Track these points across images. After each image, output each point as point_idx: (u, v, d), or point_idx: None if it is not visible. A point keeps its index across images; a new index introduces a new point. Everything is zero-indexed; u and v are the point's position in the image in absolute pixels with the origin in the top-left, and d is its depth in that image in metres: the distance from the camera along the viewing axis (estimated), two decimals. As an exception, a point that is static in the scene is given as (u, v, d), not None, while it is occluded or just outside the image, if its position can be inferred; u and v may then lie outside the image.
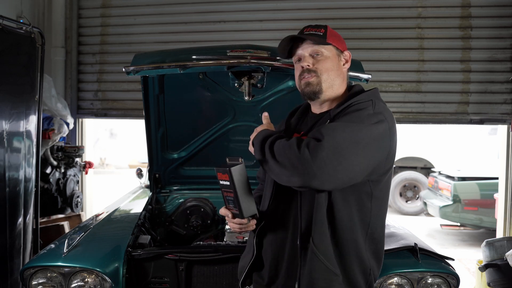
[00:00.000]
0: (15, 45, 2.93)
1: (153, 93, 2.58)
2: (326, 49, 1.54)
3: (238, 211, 1.47)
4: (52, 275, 1.93)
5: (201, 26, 4.85)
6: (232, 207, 1.49)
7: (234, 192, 1.43)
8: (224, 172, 1.44)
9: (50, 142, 4.12)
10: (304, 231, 1.46)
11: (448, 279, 1.90)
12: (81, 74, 5.16)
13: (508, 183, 4.45)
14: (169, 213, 3.08)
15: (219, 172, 1.48)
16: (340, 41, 1.58)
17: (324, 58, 1.53)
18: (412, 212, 8.17)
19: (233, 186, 1.42)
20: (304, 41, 1.54)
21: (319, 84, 1.52)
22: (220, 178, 1.47)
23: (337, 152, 1.30)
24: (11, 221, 2.87)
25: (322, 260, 1.42)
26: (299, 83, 1.58)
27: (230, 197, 1.47)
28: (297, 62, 1.59)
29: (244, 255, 1.69)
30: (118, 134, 16.22)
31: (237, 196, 1.43)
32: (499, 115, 4.52)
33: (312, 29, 1.55)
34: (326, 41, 1.53)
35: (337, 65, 1.56)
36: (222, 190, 1.50)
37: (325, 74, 1.53)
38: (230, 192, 1.46)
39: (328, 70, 1.53)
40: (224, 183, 1.46)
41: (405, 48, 4.63)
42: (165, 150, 2.91)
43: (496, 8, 4.47)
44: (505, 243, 3.24)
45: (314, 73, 1.52)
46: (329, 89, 1.54)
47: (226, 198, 1.50)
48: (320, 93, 1.53)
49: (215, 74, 2.54)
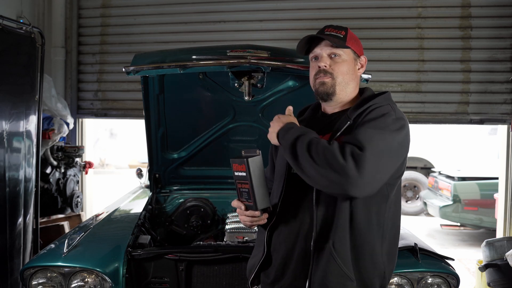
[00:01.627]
0: (15, 45, 2.93)
1: (153, 93, 2.58)
2: (345, 52, 1.54)
3: (252, 203, 1.45)
4: (52, 275, 1.94)
5: (201, 26, 4.85)
6: (245, 199, 1.48)
7: (250, 183, 1.42)
8: (241, 162, 1.43)
9: (50, 142, 4.12)
10: (320, 232, 1.45)
11: (448, 279, 1.90)
12: (81, 74, 5.16)
13: (508, 183, 4.45)
14: (169, 213, 3.08)
15: (235, 163, 1.47)
16: (358, 45, 1.59)
17: (342, 61, 1.53)
18: (412, 212, 8.17)
19: (250, 177, 1.42)
20: (323, 41, 1.54)
21: (333, 86, 1.53)
22: (236, 169, 1.47)
23: (377, 163, 1.34)
24: (11, 221, 2.87)
25: (340, 264, 1.43)
26: (313, 82, 1.58)
27: (245, 188, 1.46)
28: (313, 60, 1.58)
29: (254, 254, 1.68)
30: (118, 134, 16.22)
31: (252, 187, 1.43)
32: (499, 115, 4.52)
33: (334, 30, 1.55)
34: (345, 44, 1.52)
35: (353, 69, 1.56)
36: (236, 181, 1.49)
37: (340, 77, 1.53)
38: (245, 184, 1.45)
39: (343, 73, 1.54)
40: (239, 174, 1.46)
41: (405, 48, 4.63)
42: (165, 150, 2.91)
43: (496, 8, 4.47)
44: (505, 243, 3.24)
45: (330, 74, 1.53)
46: (342, 92, 1.55)
47: (240, 190, 1.49)
48: (333, 95, 1.54)
49: (215, 74, 2.54)
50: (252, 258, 1.68)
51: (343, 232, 1.43)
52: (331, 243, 1.42)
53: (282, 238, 1.55)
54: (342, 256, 1.43)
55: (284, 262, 1.54)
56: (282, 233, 1.55)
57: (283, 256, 1.54)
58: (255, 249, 1.70)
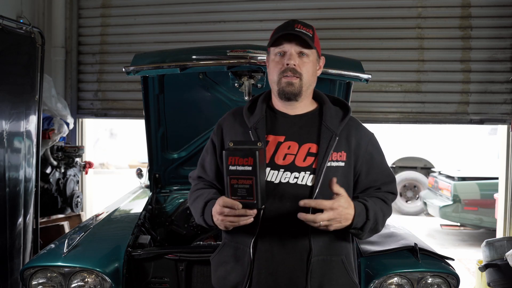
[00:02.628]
0: (15, 45, 2.93)
1: (153, 93, 2.58)
2: (312, 53, 1.51)
3: (253, 200, 1.29)
4: (52, 275, 1.93)
5: (201, 26, 4.85)
6: (241, 197, 1.31)
7: (256, 178, 1.27)
8: (246, 155, 1.27)
9: (50, 142, 4.12)
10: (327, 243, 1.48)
11: (448, 279, 1.90)
12: (81, 74, 5.16)
13: (508, 183, 4.45)
14: (169, 213, 3.07)
15: (234, 157, 1.29)
16: (319, 46, 1.57)
17: (309, 62, 1.51)
18: (412, 212, 8.17)
19: (256, 172, 1.27)
20: (294, 38, 1.47)
21: (301, 87, 1.50)
22: (235, 163, 1.29)
23: None
24: (11, 221, 2.87)
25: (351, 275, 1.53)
26: (278, 79, 1.50)
27: (244, 184, 1.29)
28: (278, 55, 1.51)
29: (228, 272, 1.52)
30: (118, 134, 16.22)
31: (258, 183, 1.28)
32: (499, 115, 4.52)
33: (303, 28, 1.48)
34: (314, 45, 1.50)
35: (315, 69, 1.55)
36: (230, 178, 1.31)
37: (306, 78, 1.51)
38: (246, 179, 1.28)
39: (309, 74, 1.52)
40: (239, 169, 1.28)
41: (405, 48, 4.63)
42: (165, 150, 2.91)
43: (496, 8, 4.47)
44: (505, 243, 3.24)
45: (298, 74, 1.49)
46: (305, 93, 1.53)
47: (235, 186, 1.30)
48: (299, 96, 1.51)
49: (215, 74, 2.54)
50: (228, 277, 1.51)
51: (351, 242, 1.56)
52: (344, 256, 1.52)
53: (273, 249, 1.45)
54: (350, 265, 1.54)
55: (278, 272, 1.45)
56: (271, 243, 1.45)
57: (276, 266, 1.45)
58: (221, 267, 1.55)
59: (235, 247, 1.52)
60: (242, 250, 1.49)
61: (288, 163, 1.48)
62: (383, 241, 2.12)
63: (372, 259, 1.98)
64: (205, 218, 1.52)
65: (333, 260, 1.48)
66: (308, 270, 1.43)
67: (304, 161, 1.48)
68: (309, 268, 1.43)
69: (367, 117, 4.67)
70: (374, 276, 1.89)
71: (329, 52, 2.75)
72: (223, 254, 1.56)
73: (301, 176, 1.47)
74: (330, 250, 1.48)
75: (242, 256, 1.49)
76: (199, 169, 1.67)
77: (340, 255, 1.50)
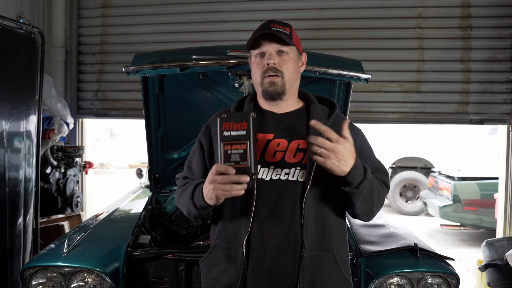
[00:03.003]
0: (15, 45, 2.93)
1: (153, 93, 2.58)
2: (291, 50, 1.51)
3: (247, 165, 1.30)
4: (52, 275, 1.93)
5: (201, 26, 4.85)
6: (234, 163, 1.31)
7: (250, 141, 1.30)
8: (241, 120, 1.31)
9: (50, 142, 4.12)
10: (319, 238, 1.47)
11: (448, 279, 1.90)
12: (81, 74, 5.16)
13: (508, 183, 4.45)
14: (169, 213, 3.07)
15: (228, 122, 1.32)
16: (299, 43, 1.56)
17: (289, 59, 1.50)
18: (412, 212, 8.17)
19: (250, 136, 1.30)
20: (271, 37, 1.48)
21: (283, 85, 1.50)
22: (228, 129, 1.31)
23: None
24: (11, 221, 2.87)
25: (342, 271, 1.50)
26: (260, 80, 1.51)
27: (237, 150, 1.30)
28: (258, 56, 1.52)
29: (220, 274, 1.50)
30: (118, 134, 16.23)
31: (251, 147, 1.30)
32: (499, 115, 4.52)
33: (280, 26, 1.49)
34: (292, 42, 1.49)
35: (297, 66, 1.55)
36: (223, 143, 1.32)
37: (288, 75, 1.50)
38: (240, 144, 1.30)
39: (291, 71, 1.51)
40: (233, 134, 1.31)
41: (405, 48, 4.63)
42: (165, 150, 2.91)
43: (496, 8, 4.47)
44: (505, 243, 3.24)
45: (280, 73, 1.49)
46: (289, 90, 1.53)
47: (228, 152, 1.31)
48: (283, 94, 1.51)
49: (215, 74, 2.54)
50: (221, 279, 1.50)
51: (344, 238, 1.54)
52: (335, 252, 1.49)
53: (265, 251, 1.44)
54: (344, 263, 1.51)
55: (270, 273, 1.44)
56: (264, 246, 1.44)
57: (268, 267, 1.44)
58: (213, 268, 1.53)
59: (227, 247, 1.50)
60: (235, 250, 1.47)
61: (278, 160, 1.48)
62: (383, 241, 2.12)
63: (372, 259, 1.98)
64: (195, 200, 1.47)
65: (325, 255, 1.47)
66: (300, 266, 1.43)
67: (294, 157, 1.48)
68: (301, 264, 1.43)
69: (367, 117, 4.67)
70: (374, 276, 1.89)
71: (329, 52, 2.76)
72: (215, 256, 1.53)
73: (292, 172, 1.47)
74: (322, 245, 1.46)
75: (235, 256, 1.47)
76: (186, 170, 1.66)
77: (332, 250, 1.48)
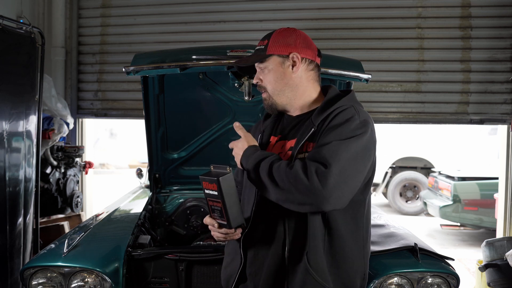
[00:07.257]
0: (15, 45, 2.93)
1: (153, 93, 2.58)
2: (269, 62, 1.52)
3: (225, 221, 1.40)
4: (52, 275, 1.93)
5: (201, 26, 4.85)
6: (218, 217, 1.43)
7: (223, 202, 1.37)
8: (212, 181, 1.37)
9: (50, 142, 4.12)
10: (293, 244, 1.42)
11: (448, 279, 1.90)
12: (81, 74, 5.16)
13: (508, 183, 4.44)
14: (169, 213, 3.08)
15: (205, 181, 1.41)
16: (283, 45, 1.50)
17: (268, 72, 1.52)
18: (412, 212, 8.17)
19: (221, 197, 1.36)
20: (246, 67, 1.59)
21: (270, 98, 1.54)
22: (206, 188, 1.41)
23: (344, 175, 1.31)
24: (11, 221, 2.87)
25: (315, 276, 1.40)
26: None
27: (217, 207, 1.40)
28: None
29: (228, 263, 1.61)
30: (118, 134, 16.24)
31: (225, 207, 1.37)
32: (499, 115, 4.52)
33: (260, 43, 1.55)
34: (266, 54, 1.50)
35: (282, 74, 1.51)
36: (207, 199, 1.43)
37: (269, 87, 1.53)
38: (217, 202, 1.39)
39: (271, 82, 1.52)
40: (210, 193, 1.39)
41: (405, 48, 4.62)
42: (165, 150, 2.91)
43: (496, 8, 4.47)
44: (505, 243, 3.24)
45: (264, 88, 1.55)
46: (281, 99, 1.54)
47: (212, 207, 1.43)
48: (275, 105, 1.55)
49: (215, 74, 2.54)
50: (227, 268, 1.62)
51: (315, 241, 1.40)
52: (305, 255, 1.40)
53: (256, 250, 1.50)
54: (316, 267, 1.40)
55: (260, 274, 1.48)
56: (256, 244, 1.50)
57: (259, 267, 1.48)
58: (226, 257, 1.64)
59: (236, 241, 1.56)
60: (237, 246, 1.55)
61: None
62: (383, 241, 2.12)
63: (372, 259, 1.96)
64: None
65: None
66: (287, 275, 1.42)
67: (284, 157, 1.48)
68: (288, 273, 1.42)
69: (367, 117, 4.66)
70: (374, 276, 1.89)
71: (329, 52, 2.76)
72: (229, 246, 1.63)
73: None
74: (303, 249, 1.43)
75: (238, 252, 1.54)
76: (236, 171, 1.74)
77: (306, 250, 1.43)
